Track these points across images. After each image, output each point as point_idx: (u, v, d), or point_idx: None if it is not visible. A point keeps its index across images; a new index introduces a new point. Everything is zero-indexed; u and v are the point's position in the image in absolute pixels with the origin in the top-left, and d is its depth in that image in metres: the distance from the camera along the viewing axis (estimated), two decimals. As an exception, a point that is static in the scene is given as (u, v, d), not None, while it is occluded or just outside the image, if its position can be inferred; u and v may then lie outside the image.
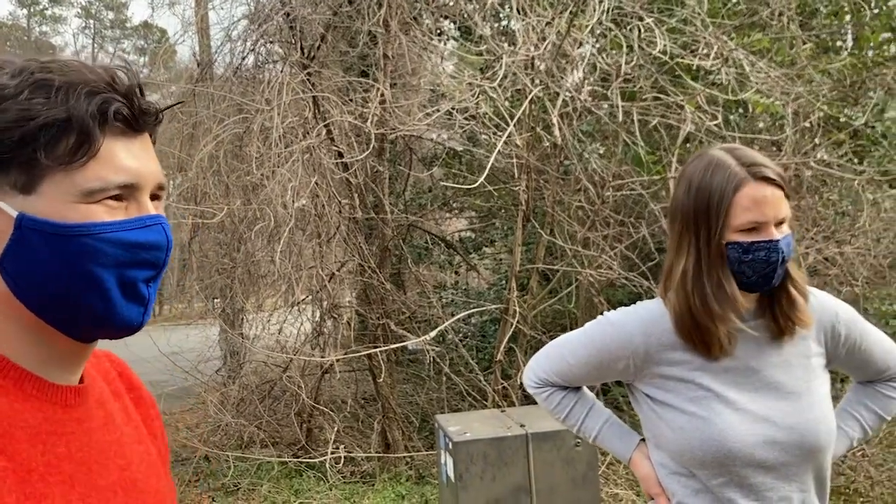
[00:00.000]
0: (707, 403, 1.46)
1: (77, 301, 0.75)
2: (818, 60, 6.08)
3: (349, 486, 5.59)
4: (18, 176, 0.73)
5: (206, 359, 7.74)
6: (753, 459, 1.43)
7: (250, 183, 6.02)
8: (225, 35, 7.09)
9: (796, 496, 1.47)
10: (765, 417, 1.46)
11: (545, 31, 5.28)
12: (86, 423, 0.82)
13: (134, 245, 0.77)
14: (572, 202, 6.07)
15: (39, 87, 0.73)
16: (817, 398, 1.51)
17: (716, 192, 1.42)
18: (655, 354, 1.53)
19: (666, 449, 1.52)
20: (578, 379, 1.68)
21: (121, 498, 0.82)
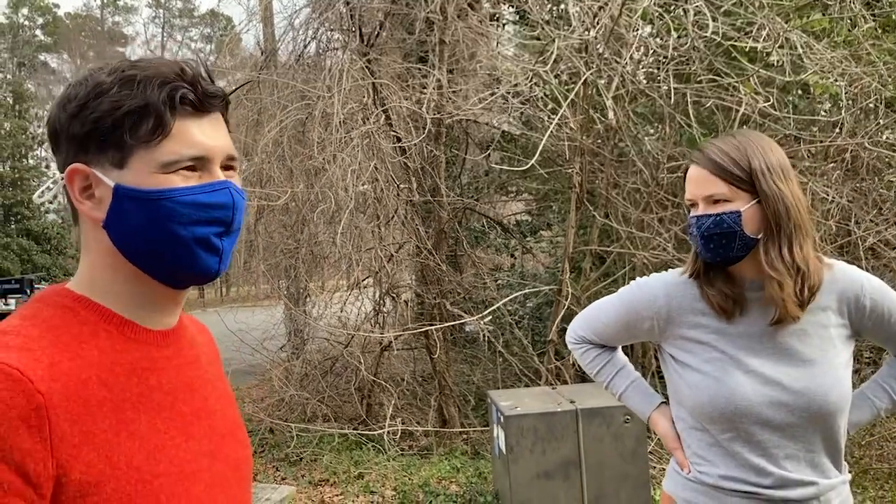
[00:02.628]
0: (721, 365, 1.60)
1: (163, 252, 0.92)
2: (883, 39, 5.96)
3: (406, 459, 5.79)
4: (114, 154, 0.91)
5: (270, 336, 8.04)
6: (760, 418, 1.55)
7: (312, 167, 6.25)
8: (288, 23, 7.31)
9: (803, 455, 1.58)
10: (774, 380, 1.57)
11: (599, 15, 5.33)
12: (175, 360, 0.99)
13: (204, 205, 0.93)
14: (627, 184, 6.11)
15: (126, 82, 0.91)
16: (831, 366, 1.60)
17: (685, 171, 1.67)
18: (677, 317, 1.67)
19: (683, 405, 1.67)
20: (611, 337, 1.85)
21: (203, 421, 0.99)
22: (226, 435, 1.03)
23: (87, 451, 0.81)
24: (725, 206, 1.57)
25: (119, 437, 0.85)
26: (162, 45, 48.47)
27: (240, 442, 1.07)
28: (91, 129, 0.91)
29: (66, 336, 0.88)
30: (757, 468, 1.57)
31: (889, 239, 5.35)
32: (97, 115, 0.90)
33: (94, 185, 0.92)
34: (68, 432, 0.80)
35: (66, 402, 0.81)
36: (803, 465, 1.58)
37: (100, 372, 0.87)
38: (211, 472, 0.96)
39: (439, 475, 5.35)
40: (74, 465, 0.79)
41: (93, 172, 0.92)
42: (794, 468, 1.57)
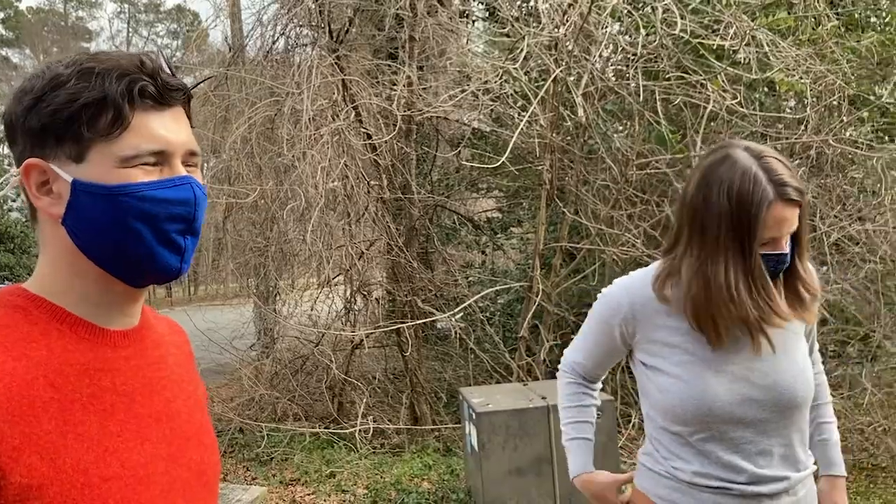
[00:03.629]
0: (690, 366, 1.58)
1: (123, 249, 0.90)
2: (845, 38, 6.06)
3: (378, 457, 5.78)
4: (71, 148, 0.89)
5: (240, 335, 7.98)
6: (732, 416, 1.55)
7: (282, 164, 6.20)
8: (256, 19, 7.25)
9: (776, 450, 1.59)
10: (743, 377, 1.57)
11: (568, 12, 5.35)
12: (133, 361, 0.96)
13: (164, 201, 0.90)
14: (596, 181, 6.14)
15: (84, 74, 0.88)
16: (794, 359, 1.63)
17: (754, 206, 1.48)
18: (644, 320, 1.64)
19: (655, 407, 1.66)
20: (598, 358, 1.82)
21: (164, 424, 0.96)
22: (190, 438, 1.00)
23: (28, 453, 0.79)
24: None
25: (66, 439, 0.83)
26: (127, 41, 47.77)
27: (206, 447, 1.04)
28: (48, 123, 0.88)
29: (13, 336, 0.85)
30: (730, 465, 1.57)
31: (853, 234, 5.45)
32: (53, 108, 0.88)
33: (52, 180, 0.90)
34: (8, 434, 0.78)
35: (8, 402, 0.79)
36: (776, 459, 1.59)
37: (47, 372, 0.85)
38: (169, 477, 0.94)
39: (411, 473, 5.34)
40: (14, 467, 0.77)
41: (50, 167, 0.89)
42: (766, 463, 1.58)
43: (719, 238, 1.51)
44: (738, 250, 1.50)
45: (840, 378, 5.81)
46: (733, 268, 1.50)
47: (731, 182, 1.49)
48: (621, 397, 5.93)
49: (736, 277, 1.50)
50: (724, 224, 1.50)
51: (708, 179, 1.53)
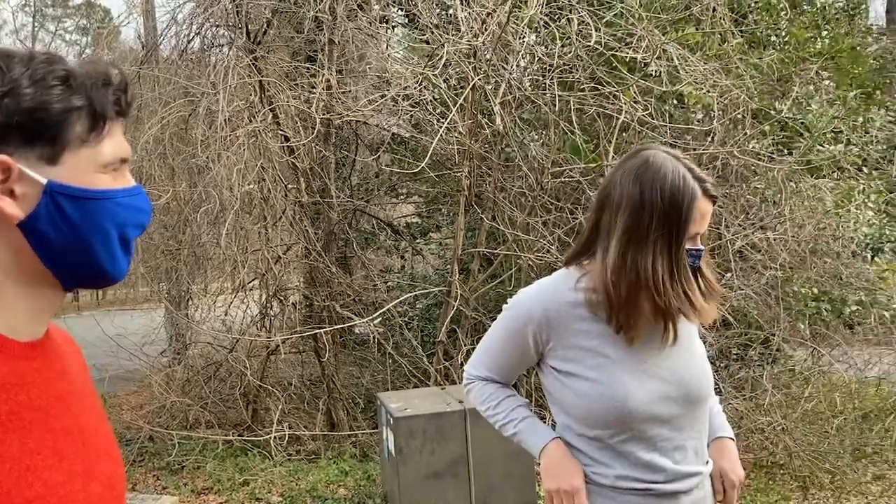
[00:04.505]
0: (607, 369, 1.61)
1: (93, 254, 0.90)
2: (749, 55, 6.35)
3: (294, 464, 5.70)
4: (43, 150, 0.87)
5: (150, 341, 7.74)
6: (651, 415, 1.60)
7: (196, 166, 6.06)
8: (171, 17, 7.07)
9: (689, 444, 1.66)
10: (656, 375, 1.63)
11: (487, 21, 5.43)
12: (45, 373, 0.92)
13: (136, 209, 0.95)
14: (513, 188, 6.25)
15: (63, 80, 0.88)
16: (697, 354, 1.73)
17: (685, 200, 1.55)
18: (558, 325, 1.66)
19: (571, 414, 1.67)
20: (506, 367, 1.79)
21: (76, 438, 0.93)
22: (100, 453, 0.97)
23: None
24: None
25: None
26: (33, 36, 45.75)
27: (114, 460, 1.01)
28: (18, 121, 0.85)
29: None
30: (650, 465, 1.61)
31: (755, 242, 5.71)
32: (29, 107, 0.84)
33: (14, 179, 0.85)
34: None
35: None
36: (690, 454, 1.66)
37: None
38: (86, 493, 0.91)
39: (327, 479, 5.30)
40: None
41: (16, 166, 0.85)
42: (681, 458, 1.64)
43: (650, 233, 1.55)
44: (667, 245, 1.56)
45: (742, 380, 6.07)
46: (661, 261, 1.56)
47: (664, 179, 1.55)
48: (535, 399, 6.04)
49: (663, 269, 1.56)
50: (657, 219, 1.55)
51: (640, 178, 1.58)
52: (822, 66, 6.21)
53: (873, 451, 5.65)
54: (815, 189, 5.82)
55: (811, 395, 5.81)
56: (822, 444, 5.48)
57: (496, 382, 1.82)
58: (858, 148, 6.22)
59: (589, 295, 1.64)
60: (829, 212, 5.80)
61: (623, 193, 1.59)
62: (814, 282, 5.82)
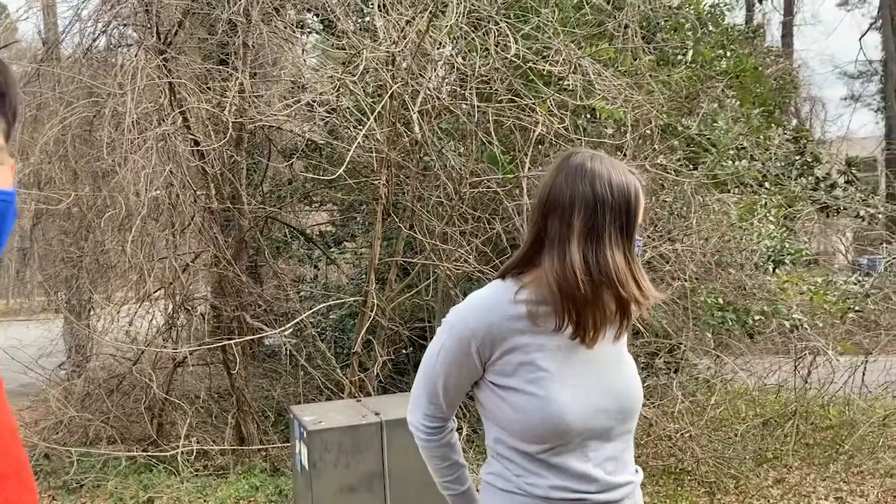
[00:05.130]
0: (544, 383, 1.59)
1: None
2: (658, 72, 6.56)
3: (202, 480, 5.50)
4: None
5: (48, 353, 7.34)
6: (587, 428, 1.60)
7: (100, 169, 5.79)
8: (74, 14, 6.74)
9: (619, 455, 1.67)
10: (594, 389, 1.63)
11: (406, 30, 5.41)
12: None
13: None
14: (431, 198, 6.23)
15: None
16: (631, 365, 1.75)
17: (632, 193, 1.60)
18: (500, 338, 1.63)
19: (507, 429, 1.64)
20: (451, 390, 1.73)
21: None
22: (8, 476, 0.88)
23: None
24: None
25: None
26: (-81, 28, 43.19)
27: (24, 485, 0.91)
28: None
29: None
30: (584, 476, 1.60)
31: (664, 253, 5.87)
32: None
33: None
34: None
35: None
36: (620, 465, 1.66)
37: None
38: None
39: (237, 495, 5.13)
40: None
41: None
42: (613, 469, 1.64)
43: (606, 228, 1.58)
44: (620, 237, 1.59)
45: (651, 388, 6.23)
46: (618, 253, 1.59)
47: (609, 176, 1.60)
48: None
49: (620, 260, 1.58)
50: (610, 214, 1.58)
51: (585, 177, 1.60)
52: (727, 85, 6.45)
53: (773, 455, 5.88)
54: (721, 203, 6.04)
55: (717, 402, 6.00)
56: (727, 450, 5.67)
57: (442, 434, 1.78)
58: (760, 164, 6.50)
59: (532, 307, 1.62)
60: (734, 225, 6.03)
61: (573, 195, 1.60)
62: (719, 292, 6.03)
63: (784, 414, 6.42)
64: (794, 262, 6.35)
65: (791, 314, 5.97)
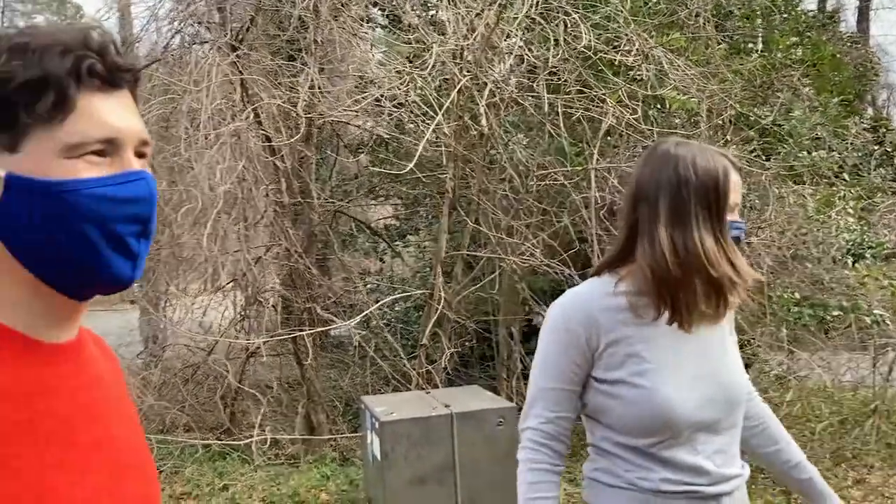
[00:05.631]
0: (651, 375, 1.58)
1: (68, 256, 0.78)
2: (731, 61, 6.39)
3: (274, 468, 5.61)
4: (2, 136, 0.76)
5: (126, 343, 7.59)
6: (694, 419, 1.58)
7: (176, 165, 5.95)
8: (150, 14, 6.94)
9: (727, 448, 1.64)
10: (701, 379, 1.61)
11: (474, 23, 5.40)
12: (72, 381, 0.83)
13: (118, 200, 0.78)
14: (497, 191, 6.21)
15: (16, 51, 0.75)
16: (735, 356, 1.74)
17: (719, 174, 1.58)
18: (605, 329, 1.62)
19: (613, 424, 1.63)
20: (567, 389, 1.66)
21: (105, 453, 0.84)
22: (131, 468, 0.88)
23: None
24: None
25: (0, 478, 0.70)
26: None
27: (147, 477, 0.92)
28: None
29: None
30: (694, 468, 1.59)
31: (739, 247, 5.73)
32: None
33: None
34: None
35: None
36: (728, 458, 1.64)
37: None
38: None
39: (309, 484, 5.22)
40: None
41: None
42: (723, 462, 1.62)
43: (692, 209, 1.57)
44: (709, 217, 1.57)
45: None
46: (707, 234, 1.57)
47: (693, 158, 1.59)
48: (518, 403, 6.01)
49: (710, 242, 1.57)
50: (695, 194, 1.58)
51: (669, 163, 1.60)
52: (803, 73, 6.26)
53: (852, 455, 5.69)
54: (797, 195, 5.87)
55: (792, 400, 5.85)
56: (803, 449, 5.51)
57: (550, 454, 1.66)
58: (838, 154, 6.29)
59: (632, 299, 1.62)
60: (811, 218, 5.85)
61: (658, 181, 1.61)
62: (795, 287, 5.86)
63: (863, 412, 6.21)
64: (875, 256, 6.12)
65: (871, 310, 5.76)
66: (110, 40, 0.82)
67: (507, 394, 6.25)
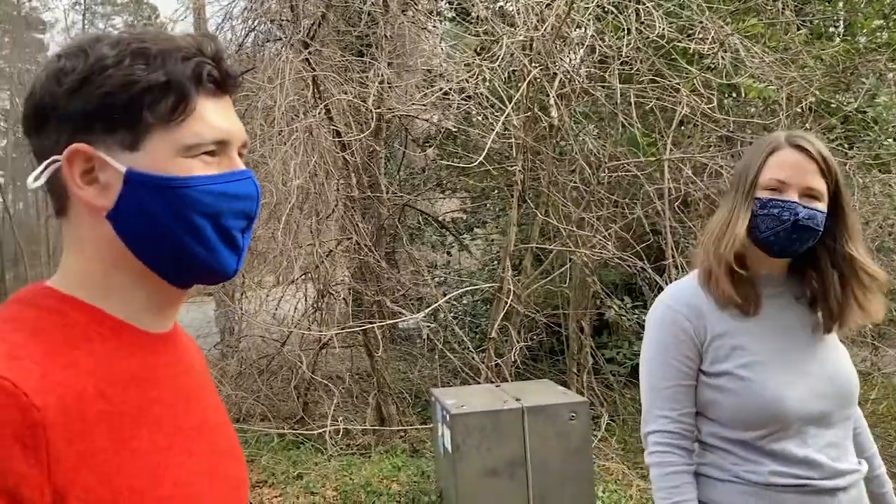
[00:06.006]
0: (757, 368, 1.57)
1: (181, 247, 0.84)
2: (811, 46, 6.17)
3: (346, 458, 5.70)
4: (125, 135, 0.81)
5: (203, 334, 7.82)
6: (804, 413, 1.54)
7: (252, 160, 6.08)
8: (225, 13, 7.11)
9: (839, 441, 1.59)
10: (809, 372, 1.58)
11: (544, 13, 5.35)
12: (173, 368, 0.89)
13: (230, 196, 0.85)
14: (567, 183, 6.15)
15: (138, 55, 0.81)
16: (844, 350, 1.69)
17: (756, 153, 1.60)
18: (708, 321, 1.62)
19: (721, 418, 1.60)
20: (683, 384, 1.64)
21: (205, 436, 0.89)
22: (225, 452, 0.93)
23: (85, 473, 0.71)
24: (818, 205, 1.56)
25: (119, 457, 0.75)
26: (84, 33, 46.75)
27: (238, 460, 0.97)
28: (98, 106, 0.80)
29: (54, 341, 0.76)
30: (805, 461, 1.55)
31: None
32: (106, 90, 0.79)
33: (99, 168, 0.82)
34: (65, 453, 0.70)
35: (63, 417, 0.71)
36: (842, 452, 1.59)
37: (96, 381, 0.76)
38: (213, 494, 0.87)
39: (381, 474, 5.28)
40: (72, 489, 0.70)
41: (98, 154, 0.81)
42: (836, 456, 1.58)
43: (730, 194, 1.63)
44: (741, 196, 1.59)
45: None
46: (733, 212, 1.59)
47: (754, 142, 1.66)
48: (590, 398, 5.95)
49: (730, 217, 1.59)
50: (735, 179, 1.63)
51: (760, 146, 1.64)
52: (889, 58, 5.99)
53: (942, 455, 5.45)
54: (883, 184, 5.63)
55: (877, 397, 5.63)
56: (888, 449, 5.31)
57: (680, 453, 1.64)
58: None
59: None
60: (898, 208, 5.61)
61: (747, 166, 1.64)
62: (880, 279, 5.62)
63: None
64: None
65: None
66: (223, 49, 0.88)
67: (577, 388, 6.20)
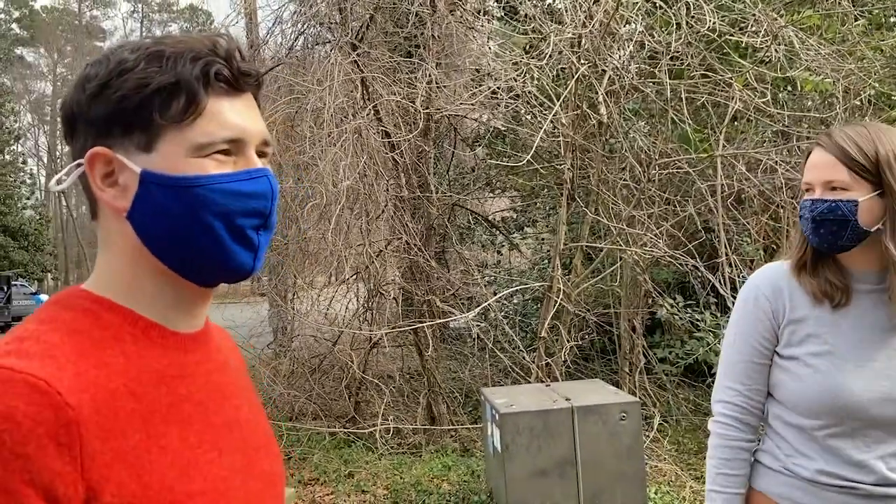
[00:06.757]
0: (830, 358, 1.55)
1: (195, 246, 0.84)
2: (870, 37, 5.98)
3: (397, 457, 5.74)
4: (139, 137, 0.83)
5: (257, 334, 7.96)
6: (868, 414, 1.51)
7: (302, 162, 6.16)
8: (276, 17, 7.22)
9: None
10: (885, 375, 1.53)
11: (592, 10, 5.30)
12: (203, 366, 0.90)
13: (241, 195, 0.85)
14: (617, 180, 6.08)
15: (153, 58, 0.82)
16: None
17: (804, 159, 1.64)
18: (789, 303, 1.63)
19: (785, 400, 1.62)
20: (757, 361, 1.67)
21: (236, 433, 0.91)
22: (259, 448, 0.95)
23: (118, 470, 0.73)
24: (843, 195, 1.53)
25: (150, 454, 0.77)
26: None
27: (273, 456, 0.98)
28: (115, 110, 0.82)
29: (88, 341, 0.79)
30: (859, 464, 1.52)
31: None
32: (121, 94, 0.81)
33: (118, 171, 0.83)
34: (99, 450, 0.72)
35: (96, 415, 0.73)
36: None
37: (127, 381, 0.79)
38: (245, 490, 0.88)
39: (431, 473, 5.31)
40: (105, 486, 0.71)
41: (116, 157, 0.83)
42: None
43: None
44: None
45: None
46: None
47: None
48: (642, 398, 5.88)
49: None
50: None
51: None
52: (953, 47, 5.78)
53: None
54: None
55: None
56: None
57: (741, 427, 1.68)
58: None
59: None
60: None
61: None
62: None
63: None
64: None
65: None
66: (236, 47, 0.87)
67: (629, 388, 6.13)
